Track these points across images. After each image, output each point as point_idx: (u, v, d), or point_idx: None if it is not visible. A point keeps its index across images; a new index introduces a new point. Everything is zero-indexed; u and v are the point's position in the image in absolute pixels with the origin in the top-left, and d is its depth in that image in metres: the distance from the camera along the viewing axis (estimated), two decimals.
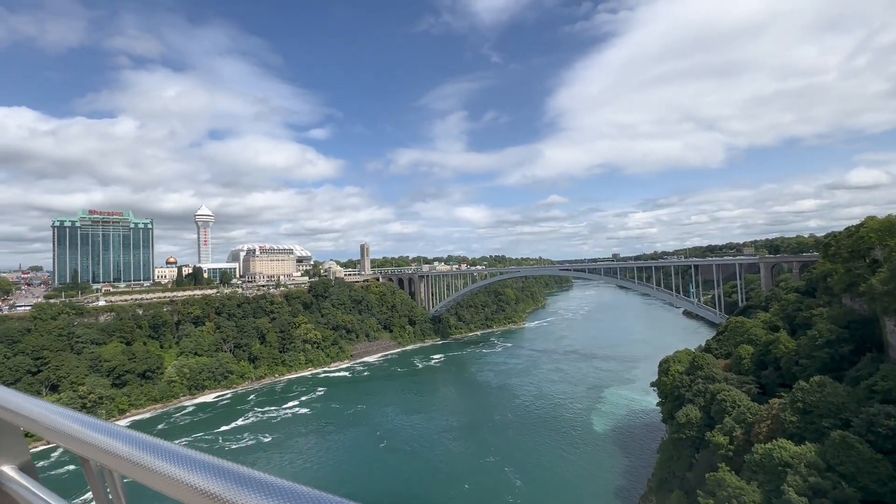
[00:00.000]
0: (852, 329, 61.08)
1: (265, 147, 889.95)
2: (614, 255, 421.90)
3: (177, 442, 1.96)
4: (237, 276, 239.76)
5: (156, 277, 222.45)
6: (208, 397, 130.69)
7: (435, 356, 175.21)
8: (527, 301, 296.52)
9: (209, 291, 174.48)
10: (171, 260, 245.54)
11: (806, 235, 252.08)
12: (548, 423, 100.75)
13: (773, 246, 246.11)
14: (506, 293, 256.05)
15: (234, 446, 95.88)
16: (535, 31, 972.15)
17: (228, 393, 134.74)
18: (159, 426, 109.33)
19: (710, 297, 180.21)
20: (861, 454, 39.22)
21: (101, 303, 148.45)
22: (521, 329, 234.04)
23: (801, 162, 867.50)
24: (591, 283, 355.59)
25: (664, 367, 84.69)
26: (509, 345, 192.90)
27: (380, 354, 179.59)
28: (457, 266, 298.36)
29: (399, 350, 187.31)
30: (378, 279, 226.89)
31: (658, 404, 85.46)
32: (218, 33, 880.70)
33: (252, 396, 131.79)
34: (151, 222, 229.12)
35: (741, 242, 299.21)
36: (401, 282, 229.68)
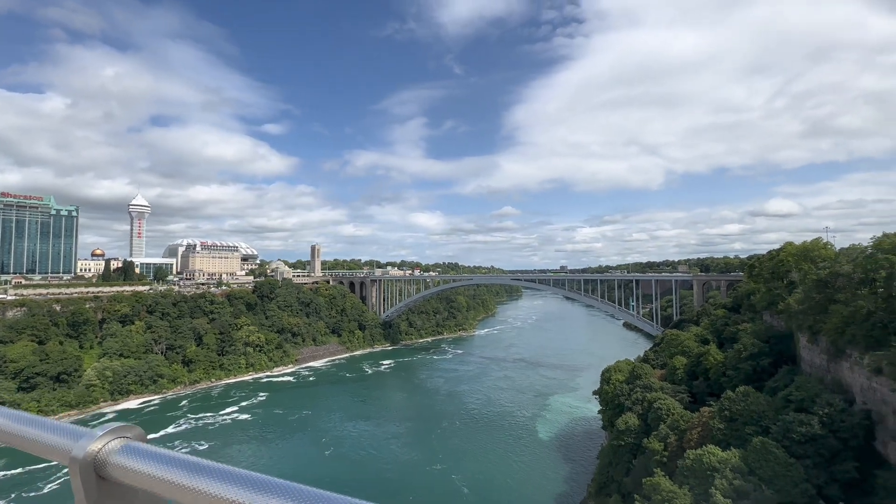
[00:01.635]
0: (772, 343, 67.11)
1: (214, 138, 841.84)
2: (562, 267, 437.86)
3: None
4: (174, 272, 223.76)
5: (79, 270, 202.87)
6: (132, 403, 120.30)
7: (385, 362, 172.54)
8: (478, 309, 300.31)
9: (141, 288, 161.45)
10: (98, 252, 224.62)
11: (731, 257, 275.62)
12: (495, 430, 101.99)
13: (703, 265, 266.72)
14: (458, 300, 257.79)
15: None
16: (496, 48, 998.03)
17: (156, 398, 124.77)
18: None
19: (648, 310, 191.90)
20: (778, 459, 42.93)
21: (10, 296, 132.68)
22: (471, 336, 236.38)
23: (728, 189, 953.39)
24: (540, 293, 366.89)
25: (606, 376, 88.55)
26: (460, 351, 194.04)
27: (327, 359, 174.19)
28: (410, 272, 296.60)
29: (347, 355, 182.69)
30: (328, 282, 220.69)
31: (599, 412, 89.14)
32: (169, 15, 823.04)
33: (185, 402, 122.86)
34: (76, 210, 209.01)
35: (676, 260, 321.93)
36: (352, 285, 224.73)
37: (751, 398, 53.13)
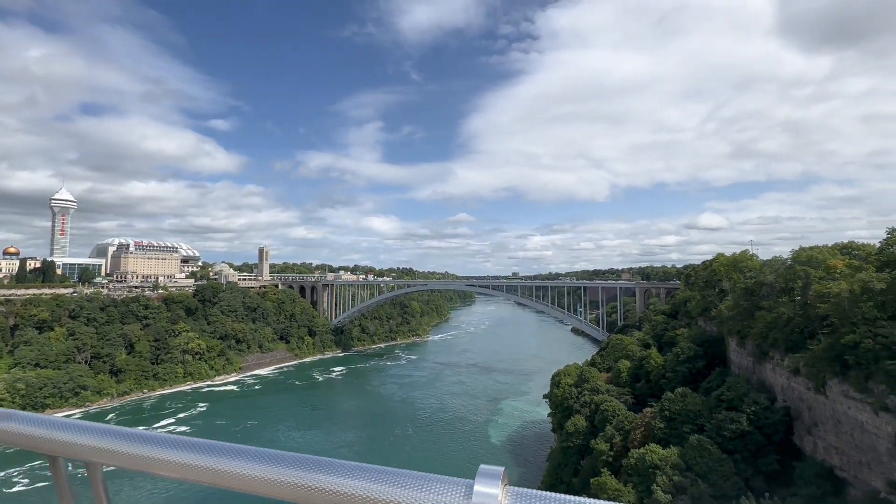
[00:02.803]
0: (706, 347, 72.30)
1: (153, 131, 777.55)
2: (514, 274, 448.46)
3: None
4: (103, 274, 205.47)
5: None
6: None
7: (336, 368, 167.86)
8: (431, 314, 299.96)
9: (62, 291, 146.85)
10: (12, 250, 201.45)
11: (669, 266, 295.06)
12: (448, 435, 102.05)
13: (644, 273, 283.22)
14: (411, 306, 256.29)
15: (78, 473, 79.48)
16: (454, 57, 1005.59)
17: (77, 412, 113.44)
18: None
19: (594, 316, 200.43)
20: (712, 455, 46.22)
21: None
22: (425, 342, 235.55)
23: (666, 203, 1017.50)
24: (493, 299, 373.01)
25: (556, 379, 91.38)
26: (413, 357, 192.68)
27: (274, 367, 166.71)
28: (363, 276, 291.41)
29: (296, 362, 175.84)
30: (277, 285, 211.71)
31: (549, 415, 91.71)
32: None
33: (111, 415, 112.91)
34: None
35: (621, 269, 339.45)
36: (302, 289, 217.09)
37: (688, 398, 56.85)
